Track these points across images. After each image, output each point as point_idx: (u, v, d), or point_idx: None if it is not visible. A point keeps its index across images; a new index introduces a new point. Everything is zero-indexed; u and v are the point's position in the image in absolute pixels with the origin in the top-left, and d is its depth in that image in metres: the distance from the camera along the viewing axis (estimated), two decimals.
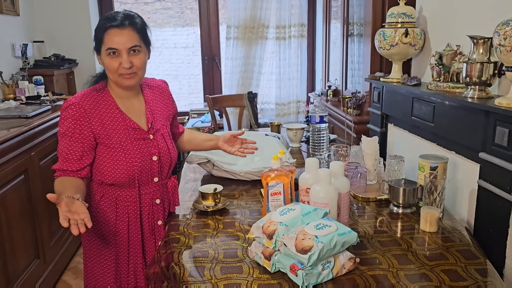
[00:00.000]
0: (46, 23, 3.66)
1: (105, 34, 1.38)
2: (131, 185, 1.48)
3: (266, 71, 4.09)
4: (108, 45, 1.38)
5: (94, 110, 1.43)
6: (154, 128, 1.52)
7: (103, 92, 1.47)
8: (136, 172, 1.46)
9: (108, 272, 1.52)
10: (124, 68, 1.39)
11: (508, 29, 1.28)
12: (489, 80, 1.49)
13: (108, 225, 1.50)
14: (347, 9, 3.04)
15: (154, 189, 1.53)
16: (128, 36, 1.39)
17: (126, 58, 1.39)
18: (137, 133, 1.48)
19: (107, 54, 1.40)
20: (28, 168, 2.28)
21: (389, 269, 1.18)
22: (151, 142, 1.50)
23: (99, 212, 1.50)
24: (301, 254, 1.07)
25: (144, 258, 1.54)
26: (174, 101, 1.69)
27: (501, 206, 1.36)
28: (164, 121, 1.59)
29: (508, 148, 1.32)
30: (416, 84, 1.94)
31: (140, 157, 1.47)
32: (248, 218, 1.53)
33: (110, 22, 1.39)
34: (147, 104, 1.54)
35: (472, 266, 1.19)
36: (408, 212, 1.55)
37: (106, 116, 1.44)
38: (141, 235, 1.52)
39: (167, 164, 1.55)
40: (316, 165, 1.41)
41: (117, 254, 1.51)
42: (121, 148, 1.44)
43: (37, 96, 3.04)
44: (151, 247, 1.54)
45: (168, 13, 4.28)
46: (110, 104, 1.46)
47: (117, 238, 1.50)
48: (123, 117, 1.46)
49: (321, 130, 2.18)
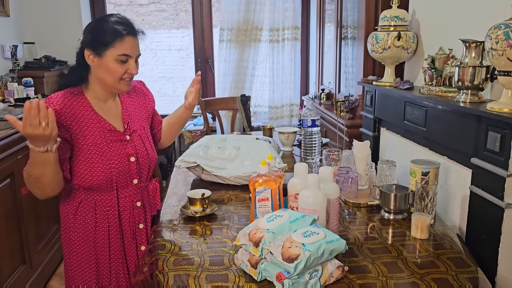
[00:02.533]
0: (37, 24, 3.62)
1: (120, 40, 1.38)
2: (109, 188, 1.46)
3: (260, 74, 4.06)
4: (123, 52, 1.39)
5: (69, 110, 1.40)
6: (131, 129, 1.51)
7: (79, 95, 1.44)
8: (113, 174, 1.44)
9: (90, 277, 1.49)
10: (132, 74, 1.42)
11: (500, 33, 1.26)
12: (481, 84, 1.47)
13: (88, 230, 1.47)
14: (341, 12, 3.02)
15: (134, 191, 1.51)
16: (137, 45, 1.45)
17: (135, 65, 1.43)
18: (113, 135, 1.46)
19: (117, 59, 1.39)
20: (15, 171, 2.23)
21: (379, 278, 1.15)
22: (128, 143, 1.48)
23: (78, 218, 1.47)
24: (287, 263, 1.04)
25: (126, 262, 1.51)
26: (151, 97, 1.68)
27: (493, 212, 1.34)
28: (141, 122, 1.58)
29: (500, 154, 1.30)
30: (409, 88, 1.92)
31: (117, 159, 1.45)
32: (236, 224, 1.50)
33: (127, 29, 1.40)
34: (123, 106, 1.53)
35: (463, 275, 1.17)
36: (399, 218, 1.52)
37: (81, 118, 1.42)
38: (121, 239, 1.49)
39: (145, 165, 1.53)
40: (305, 170, 1.38)
41: (98, 259, 1.49)
42: (97, 150, 1.42)
43: (27, 98, 2.99)
44: (132, 251, 1.52)
45: (163, 15, 4.25)
46: (85, 106, 1.44)
47: (97, 243, 1.48)
48: (98, 119, 1.45)
49: (313, 134, 2.16)
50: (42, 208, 2.54)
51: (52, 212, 2.68)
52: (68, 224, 1.48)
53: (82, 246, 1.47)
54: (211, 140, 2.04)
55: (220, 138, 2.05)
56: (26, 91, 3.10)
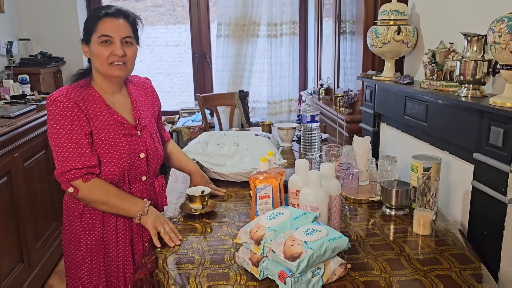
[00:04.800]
0: (33, 20, 3.58)
1: (99, 22, 1.36)
2: (121, 184, 1.44)
3: (258, 69, 4.04)
4: (101, 32, 1.36)
5: (82, 103, 1.37)
6: (142, 125, 1.49)
7: (88, 87, 1.42)
8: (125, 168, 1.42)
9: (98, 276, 1.47)
10: (116, 55, 1.37)
11: (503, 26, 1.24)
12: (483, 78, 1.45)
13: (96, 228, 1.44)
14: (339, 6, 3.00)
15: (142, 188, 1.49)
16: (122, 26, 1.39)
17: (119, 46, 1.37)
18: (125, 128, 1.44)
19: (99, 42, 1.36)
20: (12, 169, 2.21)
21: (381, 275, 1.14)
22: (139, 139, 1.46)
23: (85, 215, 1.44)
24: (289, 261, 1.03)
25: (133, 259, 1.50)
26: (158, 97, 1.66)
27: (495, 208, 1.33)
28: (150, 118, 1.56)
29: (502, 149, 1.29)
30: (409, 82, 1.90)
31: (129, 154, 1.42)
32: (236, 221, 1.48)
33: (105, 10, 1.38)
34: (132, 99, 1.50)
35: (467, 271, 1.15)
36: (401, 214, 1.51)
37: (94, 111, 1.39)
38: (130, 236, 1.48)
39: (154, 162, 1.52)
40: (306, 167, 1.37)
41: (107, 257, 1.46)
42: (109, 144, 1.39)
43: (23, 95, 2.96)
44: (139, 249, 1.50)
45: (159, 11, 4.22)
46: (97, 98, 1.41)
47: (106, 240, 1.45)
48: (110, 112, 1.42)
49: (312, 130, 2.14)
50: (40, 206, 2.52)
51: (50, 210, 2.66)
52: (74, 221, 1.44)
53: (89, 244, 1.45)
54: (210, 136, 2.02)
55: (219, 134, 2.03)
56: (22, 88, 3.07)
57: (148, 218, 1.38)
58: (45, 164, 2.62)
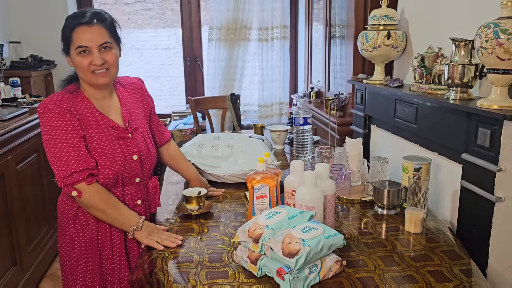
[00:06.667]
0: (23, 23, 3.56)
1: (74, 33, 1.36)
2: (115, 186, 1.45)
3: (249, 72, 4.07)
4: (77, 43, 1.36)
5: (73, 109, 1.39)
6: (132, 127, 1.50)
7: (77, 93, 1.44)
8: (119, 171, 1.43)
9: (93, 277, 1.48)
10: (96, 65, 1.37)
11: (489, 31, 1.29)
12: (470, 82, 1.50)
13: (90, 229, 1.46)
14: (329, 11, 3.05)
15: (135, 190, 1.51)
16: (98, 33, 1.37)
17: (98, 55, 1.37)
18: (117, 132, 1.45)
19: (77, 53, 1.37)
20: (4, 172, 2.20)
21: (375, 271, 1.18)
22: (130, 141, 1.48)
23: (79, 216, 1.45)
24: (288, 258, 1.06)
25: (127, 260, 1.51)
26: (150, 97, 1.66)
27: (483, 206, 1.38)
28: (142, 120, 1.57)
29: (490, 149, 1.34)
30: (399, 86, 1.95)
31: (122, 157, 1.44)
32: (232, 221, 1.51)
33: (78, 20, 1.36)
34: (122, 102, 1.52)
35: (457, 267, 1.20)
36: (393, 213, 1.55)
37: (85, 116, 1.41)
38: (124, 237, 1.49)
39: (147, 163, 1.53)
40: (302, 167, 1.40)
41: (101, 258, 1.48)
42: (102, 148, 1.41)
43: (14, 98, 2.94)
44: (134, 249, 1.51)
45: (149, 14, 4.23)
46: (87, 104, 1.43)
47: (100, 241, 1.47)
48: (101, 117, 1.44)
49: (305, 132, 2.18)
50: (33, 209, 2.51)
51: (42, 213, 2.65)
52: (68, 223, 1.46)
53: (84, 245, 1.46)
54: (204, 138, 2.04)
55: (214, 136, 2.06)
56: (14, 91, 3.06)
57: (142, 233, 1.40)
58: (37, 167, 2.61)
